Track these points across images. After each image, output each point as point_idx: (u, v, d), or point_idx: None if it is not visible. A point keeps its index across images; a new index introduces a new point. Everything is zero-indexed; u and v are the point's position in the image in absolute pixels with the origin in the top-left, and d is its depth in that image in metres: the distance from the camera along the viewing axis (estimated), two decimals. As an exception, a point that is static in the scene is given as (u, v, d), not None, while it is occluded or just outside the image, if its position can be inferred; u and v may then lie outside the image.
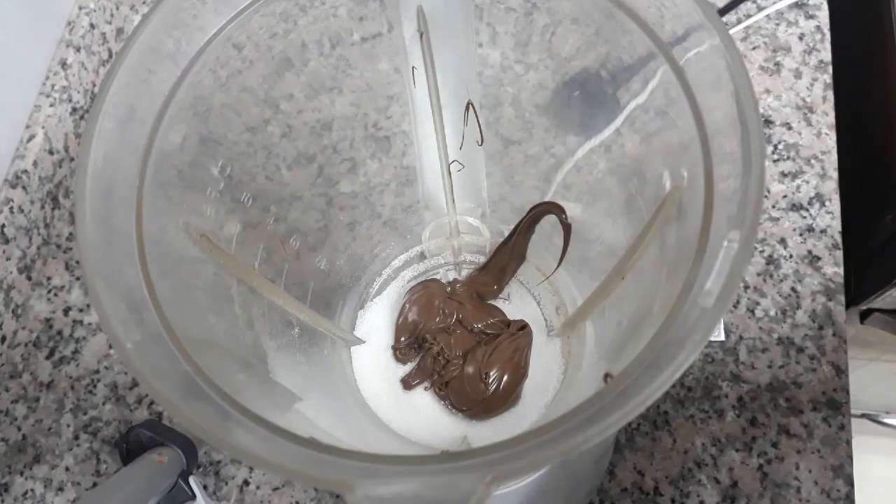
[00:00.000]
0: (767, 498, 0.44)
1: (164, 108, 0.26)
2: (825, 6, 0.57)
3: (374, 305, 0.45)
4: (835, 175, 0.52)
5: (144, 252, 0.24)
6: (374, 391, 0.42)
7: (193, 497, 0.42)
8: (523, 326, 0.42)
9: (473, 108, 0.35)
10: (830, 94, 0.54)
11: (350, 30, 0.35)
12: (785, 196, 0.52)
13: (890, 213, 0.57)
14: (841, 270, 0.49)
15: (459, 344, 0.42)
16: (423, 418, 0.41)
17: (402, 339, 0.43)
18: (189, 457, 0.43)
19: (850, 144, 0.55)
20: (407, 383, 0.42)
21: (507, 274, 0.44)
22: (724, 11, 0.54)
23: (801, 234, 0.50)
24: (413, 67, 0.32)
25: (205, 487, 0.46)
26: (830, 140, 0.53)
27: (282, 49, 0.33)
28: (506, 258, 0.43)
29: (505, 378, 0.40)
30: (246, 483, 0.46)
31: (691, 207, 0.24)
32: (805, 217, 0.51)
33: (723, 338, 0.48)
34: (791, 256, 0.50)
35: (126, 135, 0.25)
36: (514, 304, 0.45)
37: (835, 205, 0.51)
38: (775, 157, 0.53)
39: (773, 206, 0.51)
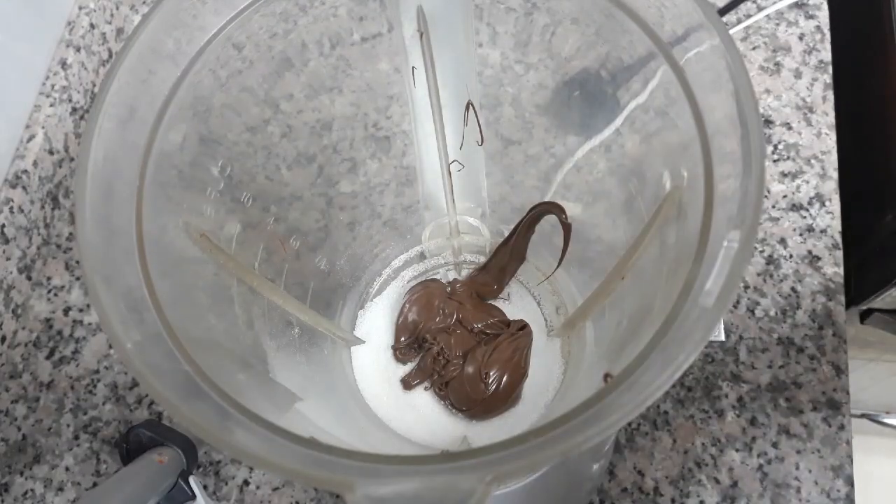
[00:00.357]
0: (767, 498, 0.44)
1: (164, 108, 0.26)
2: (825, 6, 0.57)
3: (374, 305, 0.45)
4: (835, 175, 0.52)
5: (144, 252, 0.24)
6: (374, 391, 0.42)
7: (193, 497, 0.42)
8: (523, 326, 0.42)
9: (473, 108, 0.35)
10: (830, 94, 0.54)
11: (350, 30, 0.35)
12: (785, 196, 0.52)
13: (890, 213, 0.57)
14: (841, 270, 0.49)
15: (459, 344, 0.42)
16: (423, 418, 0.41)
17: (402, 339, 0.43)
18: (189, 457, 0.43)
19: (850, 144, 0.55)
20: (407, 383, 0.42)
21: (507, 274, 0.44)
22: (724, 11, 0.54)
23: (801, 234, 0.50)
24: (413, 67, 0.32)
25: (205, 487, 0.46)
26: (830, 140, 0.53)
27: (282, 49, 0.33)
28: (506, 258, 0.43)
29: (505, 378, 0.40)
30: (246, 483, 0.46)
31: (691, 207, 0.24)
32: (805, 217, 0.51)
33: (723, 338, 0.48)
34: (791, 256, 0.50)
35: (126, 135, 0.25)
36: (514, 304, 0.45)
37: (835, 205, 0.51)
38: (775, 157, 0.53)
39: (773, 206, 0.51)
